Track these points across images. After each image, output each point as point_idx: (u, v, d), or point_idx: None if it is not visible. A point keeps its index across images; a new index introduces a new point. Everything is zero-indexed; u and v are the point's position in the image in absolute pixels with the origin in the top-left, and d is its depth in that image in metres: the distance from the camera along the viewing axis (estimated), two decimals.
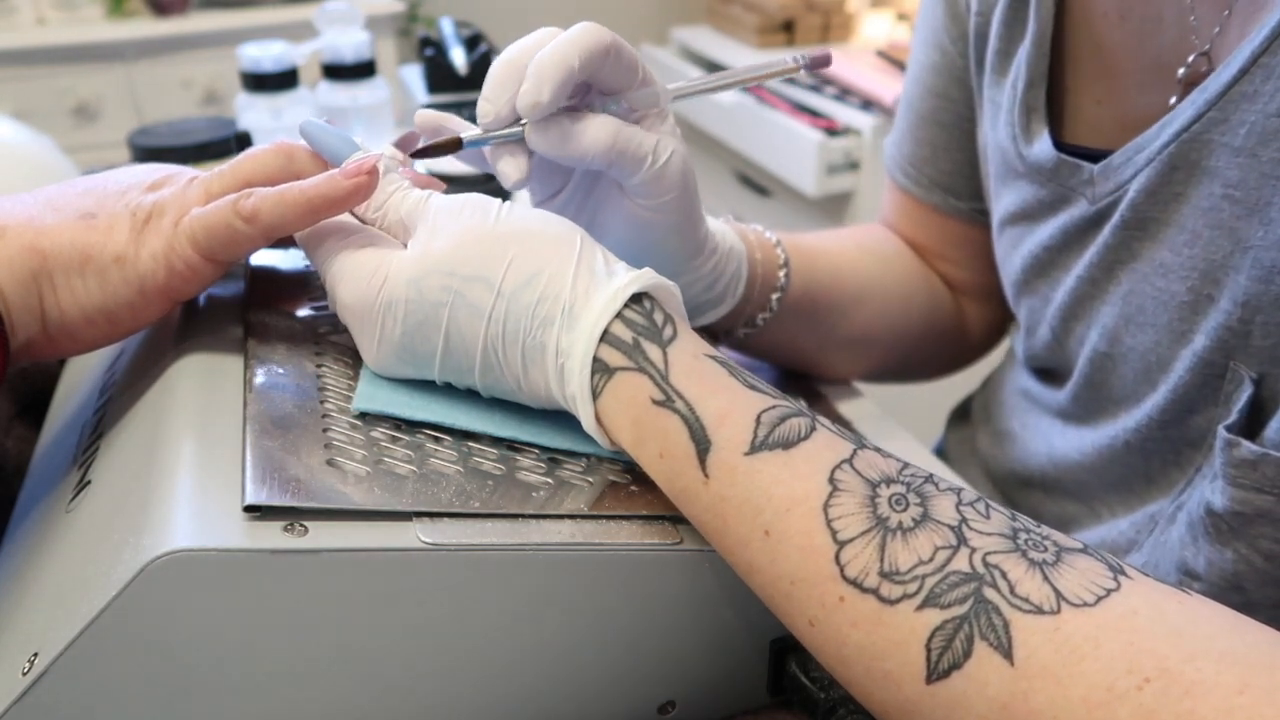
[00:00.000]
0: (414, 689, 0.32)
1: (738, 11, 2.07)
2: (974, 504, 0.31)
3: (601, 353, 0.35)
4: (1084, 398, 0.52)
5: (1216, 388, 0.44)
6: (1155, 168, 0.44)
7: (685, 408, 0.33)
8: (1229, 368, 0.43)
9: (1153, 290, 0.46)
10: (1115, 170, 0.47)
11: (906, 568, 0.29)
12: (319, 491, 0.31)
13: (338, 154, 0.39)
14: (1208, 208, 0.42)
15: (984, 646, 0.27)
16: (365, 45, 0.91)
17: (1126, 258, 0.47)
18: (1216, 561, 0.43)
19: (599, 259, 0.36)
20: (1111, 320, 0.48)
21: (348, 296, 0.37)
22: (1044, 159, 0.50)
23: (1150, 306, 0.46)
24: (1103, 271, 0.48)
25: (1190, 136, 0.42)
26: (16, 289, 0.34)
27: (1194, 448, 0.46)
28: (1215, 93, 0.41)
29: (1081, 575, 0.28)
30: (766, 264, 0.53)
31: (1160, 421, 0.47)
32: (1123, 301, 0.47)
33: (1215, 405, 0.44)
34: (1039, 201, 0.51)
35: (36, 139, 0.76)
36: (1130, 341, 0.47)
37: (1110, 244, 0.47)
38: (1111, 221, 0.47)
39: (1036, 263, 0.53)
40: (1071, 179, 0.49)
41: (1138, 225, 0.46)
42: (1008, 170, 0.53)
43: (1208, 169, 0.42)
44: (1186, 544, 0.45)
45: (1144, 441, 0.48)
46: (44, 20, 1.99)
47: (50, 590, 0.30)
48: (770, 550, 0.31)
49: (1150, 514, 0.50)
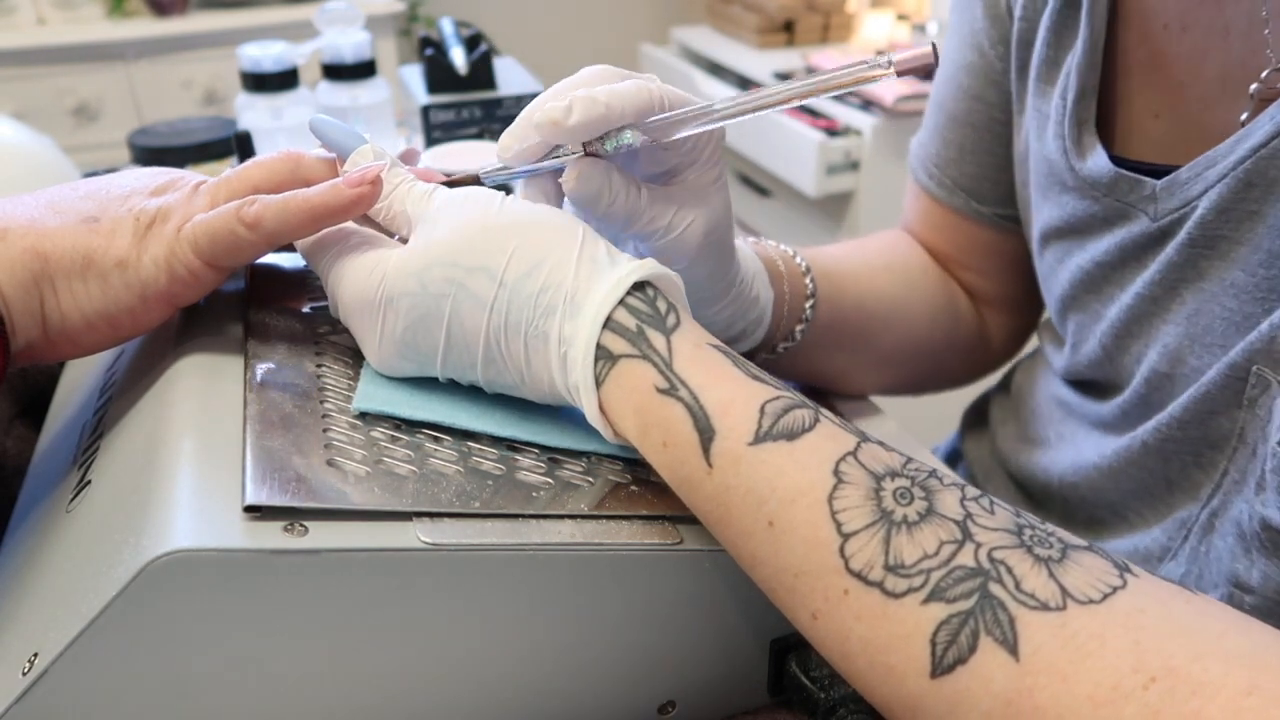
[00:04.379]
0: (414, 689, 0.32)
1: (738, 11, 2.07)
2: (978, 499, 0.31)
3: (605, 340, 0.34)
4: (1134, 414, 0.51)
5: (1239, 389, 0.43)
6: (1228, 184, 0.42)
7: (689, 396, 0.33)
8: (1252, 370, 0.42)
9: (1222, 310, 0.44)
10: (1182, 186, 0.45)
11: (912, 561, 0.29)
12: (319, 491, 0.31)
13: (344, 147, 0.40)
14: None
15: (989, 642, 0.27)
16: (365, 45, 0.91)
17: (1193, 276, 0.45)
18: (1274, 576, 0.42)
19: (601, 249, 0.36)
20: (1174, 340, 0.46)
21: (348, 295, 0.37)
22: (1099, 173, 0.48)
23: (1219, 327, 0.44)
24: (1165, 290, 0.47)
25: (1269, 153, 0.41)
26: (18, 292, 0.34)
27: (1216, 449, 0.45)
28: None
29: (1087, 572, 0.28)
30: (794, 297, 0.52)
31: (1180, 421, 0.46)
32: (1188, 321, 0.46)
33: (1238, 408, 0.43)
34: (1091, 216, 0.50)
35: (36, 139, 0.76)
36: (1195, 363, 0.46)
37: (1175, 262, 0.46)
38: (1177, 239, 0.45)
39: (1087, 278, 0.51)
40: (1130, 194, 0.47)
41: (1206, 244, 0.44)
42: (1054, 182, 0.52)
43: None
44: (1238, 556, 0.44)
45: (1162, 443, 0.47)
46: (44, 20, 1.99)
47: (50, 590, 0.30)
48: (774, 542, 0.31)
49: (1180, 520, 0.48)
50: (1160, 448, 0.48)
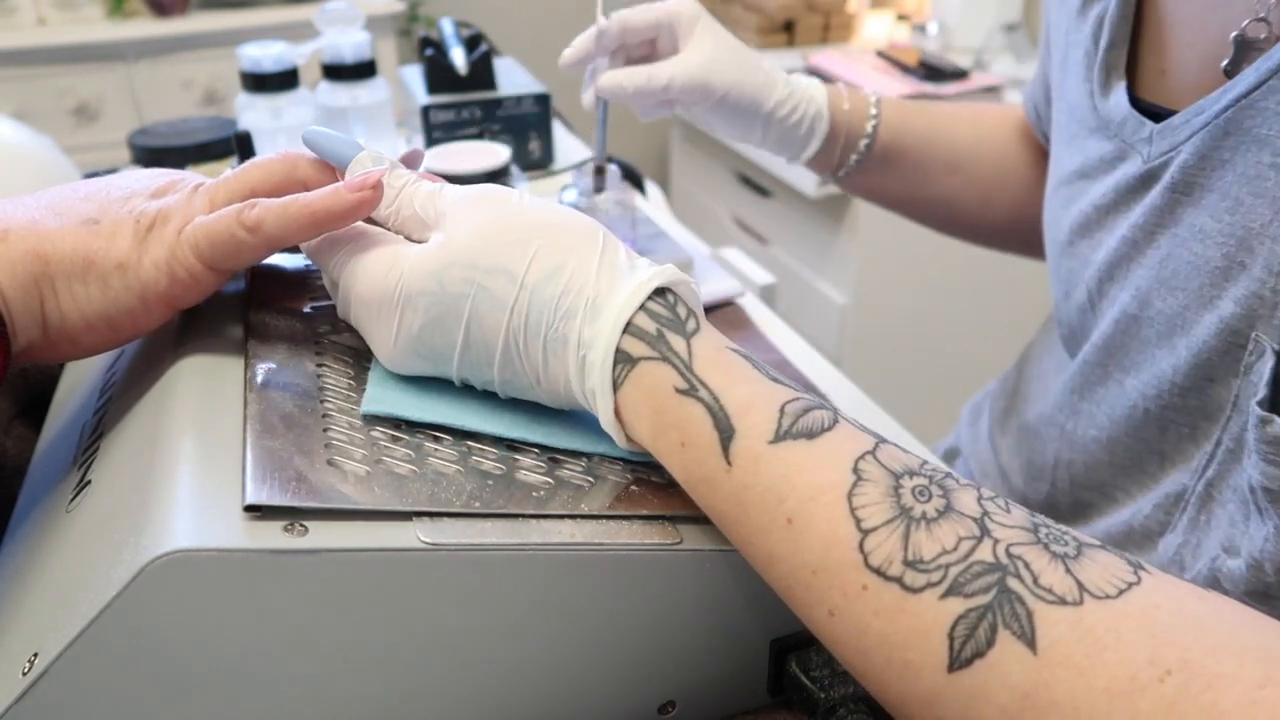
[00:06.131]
0: (414, 689, 0.32)
1: (738, 12, 2.07)
2: (994, 499, 0.31)
3: (624, 344, 0.34)
4: (1092, 363, 0.53)
5: (1238, 357, 0.44)
6: (1210, 131, 0.44)
7: (709, 396, 0.33)
8: (1252, 337, 0.43)
9: (1188, 255, 0.46)
10: (1174, 130, 0.47)
11: (930, 557, 0.29)
12: (319, 491, 0.31)
13: (342, 157, 0.39)
14: (1254, 175, 0.43)
15: (1007, 635, 0.27)
16: (365, 45, 0.91)
17: (1169, 221, 0.47)
18: (1257, 538, 0.43)
19: (621, 254, 0.36)
20: (1145, 283, 0.49)
21: (366, 290, 0.37)
22: (1116, 112, 0.51)
23: (1184, 271, 0.46)
24: (1144, 234, 0.49)
25: (1248, 104, 0.43)
26: (18, 293, 0.34)
27: (1210, 420, 0.47)
28: (1277, 62, 0.41)
29: (1103, 569, 0.28)
30: (856, 114, 0.65)
31: (1182, 388, 0.47)
32: (1159, 265, 0.48)
33: (1235, 376, 0.44)
34: (1100, 158, 0.52)
35: (37, 139, 0.76)
36: (1160, 305, 0.48)
37: (1157, 205, 0.48)
38: (1161, 183, 0.47)
39: (1085, 221, 0.53)
40: (1135, 135, 0.50)
41: (1185, 189, 0.46)
42: (1078, 126, 0.54)
43: (1259, 137, 0.42)
44: (1237, 522, 0.45)
45: (1163, 410, 0.48)
46: (44, 20, 1.99)
47: (50, 590, 0.30)
48: (792, 539, 0.31)
49: (1171, 494, 0.50)
50: (1160, 415, 0.49)
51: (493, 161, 0.71)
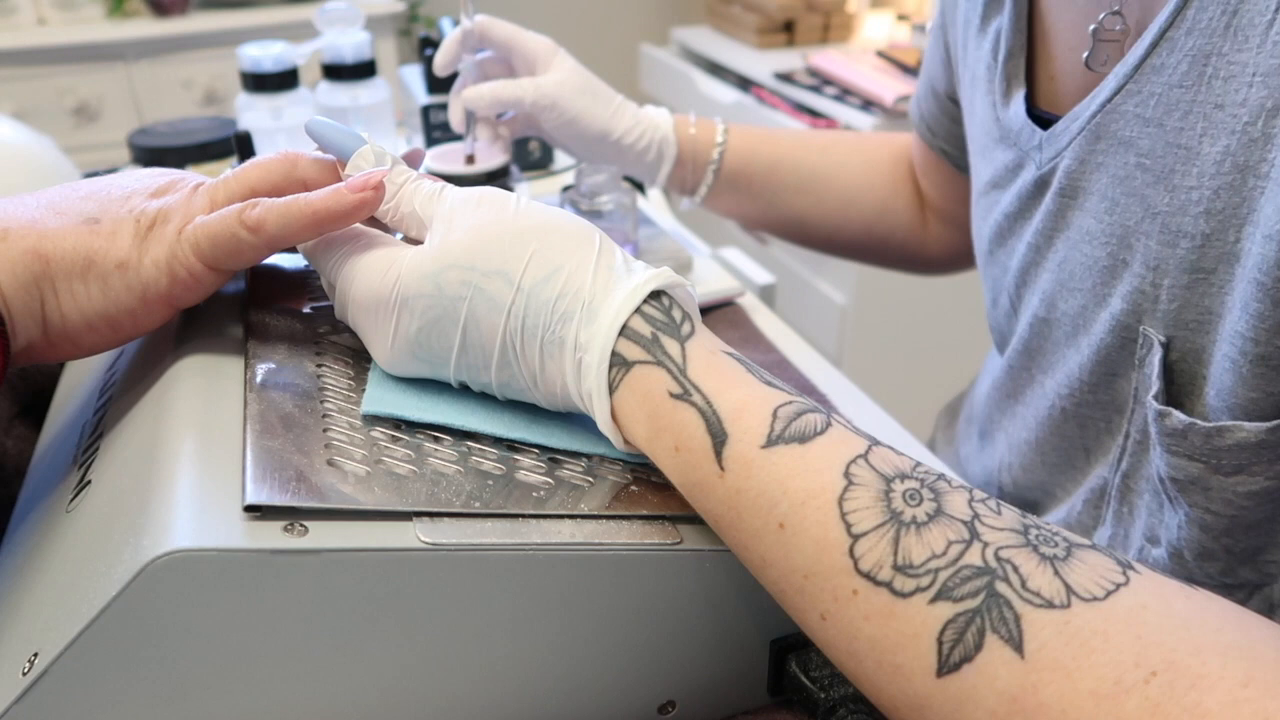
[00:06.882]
0: (414, 689, 0.32)
1: (738, 12, 2.07)
2: (985, 501, 0.31)
3: (620, 347, 0.35)
4: (1017, 366, 0.55)
5: (1132, 351, 0.46)
6: (1084, 137, 0.46)
7: (702, 401, 0.33)
8: (1140, 331, 0.45)
9: (1081, 257, 0.48)
10: (1056, 137, 0.49)
11: (920, 561, 0.29)
12: (319, 491, 0.31)
13: (344, 149, 0.40)
14: (1123, 176, 0.44)
15: (995, 639, 0.27)
16: (365, 45, 0.91)
17: (1062, 226, 0.49)
18: (1172, 526, 0.45)
19: (618, 257, 0.37)
20: (1049, 286, 0.51)
21: (362, 293, 0.37)
22: (1014, 121, 0.53)
23: (1079, 273, 0.48)
24: (1045, 239, 0.51)
25: (1111, 108, 0.44)
26: (18, 293, 0.34)
27: (1120, 414, 0.48)
28: (1132, 65, 0.43)
29: (1091, 570, 0.28)
30: (702, 140, 0.71)
31: (1090, 384, 0.49)
32: (1058, 268, 0.50)
33: (1133, 369, 0.46)
34: (1005, 168, 0.54)
35: (36, 139, 0.76)
36: (1064, 306, 0.50)
37: (1050, 210, 0.50)
38: (1051, 189, 0.49)
39: (999, 230, 0.55)
40: (1029, 143, 0.51)
41: (1070, 193, 0.48)
42: (986, 138, 0.56)
43: (1124, 139, 0.44)
44: (1154, 511, 0.47)
45: (1078, 406, 0.50)
46: (44, 20, 1.99)
47: (50, 590, 0.30)
48: (784, 544, 0.31)
49: (1094, 489, 0.51)
50: (1076, 413, 0.51)
51: (492, 162, 0.71)
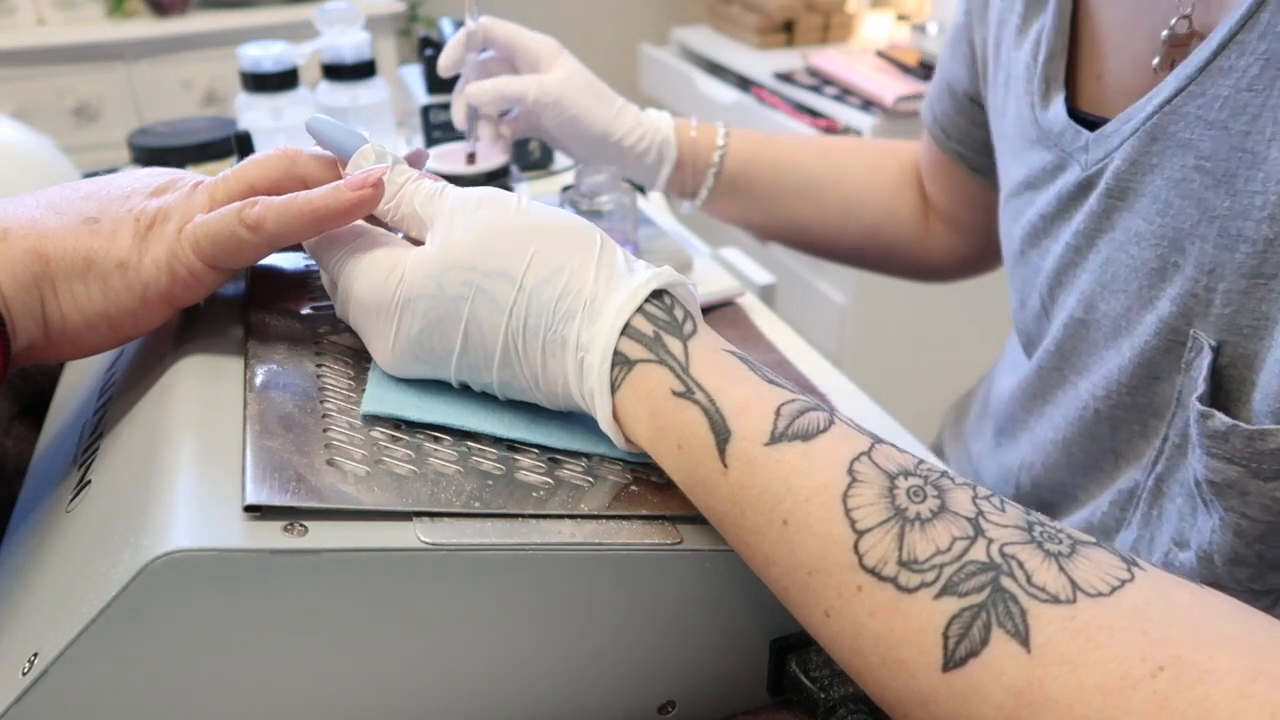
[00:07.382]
0: (414, 689, 0.32)
1: (738, 12, 2.07)
2: (989, 498, 0.31)
3: (622, 346, 0.35)
4: (1048, 367, 0.55)
5: (1179, 354, 0.45)
6: (1139, 138, 0.46)
7: (705, 399, 0.33)
8: (1190, 334, 0.44)
9: (1126, 258, 0.47)
10: (1106, 138, 0.48)
11: (924, 557, 0.29)
12: (319, 491, 0.31)
13: (344, 148, 0.39)
14: (1180, 179, 0.44)
15: (1001, 634, 0.27)
16: (365, 45, 0.91)
17: (1106, 227, 0.49)
18: (1204, 530, 0.44)
19: (619, 256, 0.37)
20: (1089, 287, 0.50)
21: (364, 294, 0.37)
22: (1055, 123, 0.52)
23: (1124, 274, 0.48)
24: (1086, 240, 0.50)
25: (1171, 109, 0.44)
26: (18, 292, 0.34)
27: (1158, 418, 0.48)
28: (1196, 67, 0.42)
29: (1096, 566, 0.28)
30: (702, 143, 0.71)
31: (1129, 387, 0.48)
32: (1100, 269, 0.49)
33: (1177, 373, 0.46)
34: (1043, 169, 0.53)
35: (36, 139, 0.75)
36: (1104, 308, 0.49)
37: (1095, 212, 0.49)
38: (1097, 190, 0.49)
39: (1033, 231, 0.55)
40: (1072, 144, 0.51)
41: (1119, 194, 0.47)
42: (1021, 139, 0.55)
43: (1183, 141, 0.44)
44: (1185, 516, 0.46)
45: (1113, 409, 0.50)
46: (44, 20, 1.99)
47: (50, 590, 0.30)
48: (788, 540, 0.31)
49: (1125, 490, 0.51)
50: (1110, 415, 0.50)
51: (492, 161, 0.71)
